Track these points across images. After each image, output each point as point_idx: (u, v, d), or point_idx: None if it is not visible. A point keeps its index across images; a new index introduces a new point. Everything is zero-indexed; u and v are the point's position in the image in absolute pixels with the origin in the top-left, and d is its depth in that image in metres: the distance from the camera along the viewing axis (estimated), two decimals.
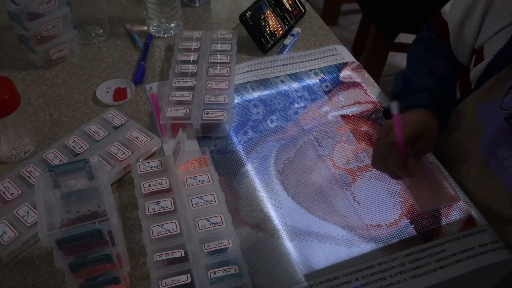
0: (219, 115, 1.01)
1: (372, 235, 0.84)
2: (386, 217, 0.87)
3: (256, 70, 1.17)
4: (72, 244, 0.66)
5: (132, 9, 1.39)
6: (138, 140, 0.98)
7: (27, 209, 0.87)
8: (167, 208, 0.84)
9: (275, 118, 1.05)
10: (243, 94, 1.11)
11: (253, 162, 0.96)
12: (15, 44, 1.23)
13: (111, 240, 0.69)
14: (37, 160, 0.94)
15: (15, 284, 0.80)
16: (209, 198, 0.86)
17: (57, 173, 0.72)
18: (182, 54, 1.15)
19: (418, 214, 0.87)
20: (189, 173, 0.90)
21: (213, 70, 1.12)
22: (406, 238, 0.84)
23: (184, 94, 1.05)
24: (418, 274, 0.79)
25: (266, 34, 1.24)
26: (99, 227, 0.66)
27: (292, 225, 0.86)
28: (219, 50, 1.17)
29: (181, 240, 0.80)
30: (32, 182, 0.90)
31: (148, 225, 0.81)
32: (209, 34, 1.22)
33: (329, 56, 1.21)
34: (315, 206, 0.89)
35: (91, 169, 0.72)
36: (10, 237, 0.83)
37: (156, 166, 0.91)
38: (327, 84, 1.13)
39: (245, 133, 1.02)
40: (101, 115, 1.04)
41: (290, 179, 0.93)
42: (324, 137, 1.00)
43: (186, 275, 0.76)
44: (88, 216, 0.70)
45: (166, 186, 0.87)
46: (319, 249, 0.83)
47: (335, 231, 0.85)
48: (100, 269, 0.71)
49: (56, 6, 1.11)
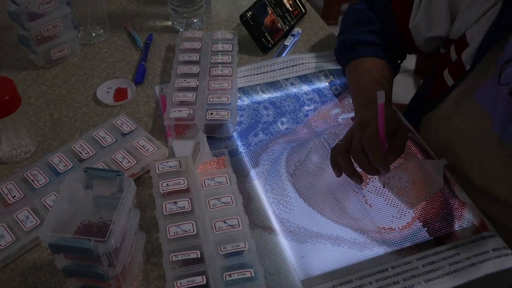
0: (223, 115, 1.01)
1: (385, 238, 0.85)
2: (399, 220, 0.87)
3: (265, 73, 1.17)
4: (64, 252, 0.68)
5: (132, 9, 1.39)
6: (145, 149, 0.97)
7: (27, 214, 0.86)
8: (184, 209, 0.84)
9: (285, 120, 1.06)
10: (253, 96, 1.11)
11: (264, 164, 0.96)
12: (15, 44, 1.23)
13: (109, 260, 0.69)
14: (42, 164, 0.94)
15: (16, 284, 0.80)
16: (227, 200, 0.86)
17: (90, 176, 0.73)
18: (183, 55, 1.15)
19: (431, 217, 0.87)
20: (207, 174, 0.90)
21: (215, 70, 1.12)
22: (419, 241, 0.84)
23: (187, 95, 1.05)
24: (432, 278, 0.79)
25: (267, 34, 1.24)
26: (92, 247, 0.65)
27: (305, 228, 0.86)
28: (220, 50, 1.18)
29: (197, 241, 0.80)
30: (35, 185, 0.90)
31: (165, 225, 0.81)
32: (209, 34, 1.22)
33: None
34: (327, 209, 0.89)
35: (122, 183, 0.72)
36: (7, 242, 0.82)
37: (175, 166, 0.91)
38: (337, 87, 1.13)
39: (255, 135, 1.02)
40: (111, 120, 1.03)
41: (302, 181, 0.93)
42: (334, 140, 1.01)
43: (202, 276, 0.76)
44: (99, 227, 0.70)
45: (184, 187, 0.87)
46: (332, 252, 0.83)
47: (347, 234, 0.85)
48: (96, 282, 0.72)
49: (56, 6, 1.11)
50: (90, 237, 0.66)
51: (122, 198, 0.70)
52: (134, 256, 0.77)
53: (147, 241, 0.84)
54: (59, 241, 0.65)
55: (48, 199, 0.88)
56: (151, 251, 0.83)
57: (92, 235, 0.68)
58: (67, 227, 0.69)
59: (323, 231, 0.86)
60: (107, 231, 0.66)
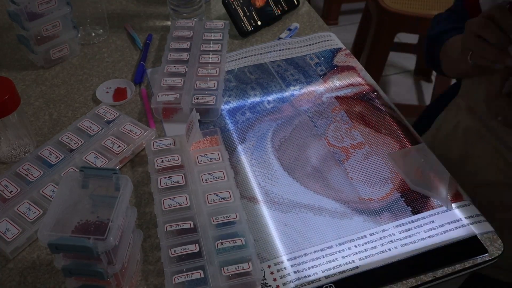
0: (209, 100, 1.05)
1: (365, 208, 0.90)
2: (378, 191, 0.93)
3: (253, 56, 1.22)
4: (63, 252, 0.68)
5: (132, 9, 1.38)
6: (133, 133, 0.99)
7: (28, 206, 0.87)
8: (178, 183, 0.88)
9: (271, 99, 1.11)
10: (241, 78, 1.16)
11: (251, 140, 1.02)
12: (15, 44, 1.23)
13: (109, 259, 0.69)
14: (33, 158, 0.94)
15: (15, 284, 0.80)
16: (219, 174, 0.90)
17: (86, 175, 0.73)
18: (175, 42, 1.18)
19: (408, 188, 0.93)
20: (200, 151, 0.95)
21: (204, 57, 1.15)
22: (396, 210, 0.90)
23: (176, 80, 1.09)
24: (408, 243, 0.84)
25: (247, 19, 1.27)
26: (91, 245, 0.65)
27: (288, 198, 0.91)
28: (211, 39, 1.20)
29: (190, 212, 0.84)
30: (29, 179, 0.90)
31: (159, 198, 0.86)
32: (202, 23, 1.25)
33: (324, 42, 1.26)
34: (310, 181, 0.95)
35: (118, 181, 0.72)
36: (14, 234, 0.83)
37: (169, 143, 0.96)
38: (322, 68, 1.18)
39: (243, 113, 1.08)
40: (92, 110, 1.04)
41: (286, 156, 0.99)
42: (319, 117, 1.06)
43: (195, 244, 0.80)
44: (97, 226, 0.70)
45: (178, 163, 0.92)
46: (313, 220, 0.88)
47: (329, 204, 0.91)
48: (95, 281, 0.73)
49: (56, 6, 1.10)
50: (88, 235, 0.66)
51: (119, 196, 0.70)
52: (132, 254, 0.78)
53: (143, 214, 0.89)
54: (58, 240, 0.66)
55: (46, 190, 0.89)
56: (149, 250, 0.85)
57: (90, 234, 0.67)
58: (65, 227, 0.69)
59: (305, 201, 0.91)
60: (105, 229, 0.67)
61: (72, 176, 0.73)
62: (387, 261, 0.83)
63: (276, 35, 1.30)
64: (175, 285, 0.77)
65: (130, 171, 0.97)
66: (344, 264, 0.82)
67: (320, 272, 0.81)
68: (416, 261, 0.83)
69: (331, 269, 0.81)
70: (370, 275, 0.81)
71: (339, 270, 0.81)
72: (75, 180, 0.73)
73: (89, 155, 0.95)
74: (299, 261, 0.82)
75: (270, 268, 0.81)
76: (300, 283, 0.80)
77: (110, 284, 0.73)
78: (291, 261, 0.82)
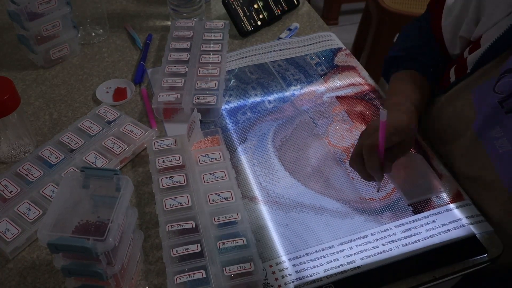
0: (209, 100, 1.05)
1: (366, 207, 0.90)
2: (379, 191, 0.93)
3: (253, 55, 1.22)
4: (63, 252, 0.68)
5: (132, 9, 1.39)
6: (133, 134, 1.00)
7: (28, 206, 0.87)
8: (179, 183, 0.89)
9: (272, 99, 1.11)
10: (241, 77, 1.16)
11: (252, 140, 1.02)
12: (15, 44, 1.23)
13: (108, 259, 0.69)
14: (33, 158, 0.94)
15: (14, 284, 0.80)
16: (220, 174, 0.90)
17: (87, 175, 0.73)
18: (175, 42, 1.19)
19: (410, 188, 0.93)
20: (201, 151, 0.95)
21: (205, 57, 1.15)
22: (398, 210, 0.90)
23: (176, 80, 1.09)
24: (409, 242, 0.84)
25: (247, 19, 1.28)
26: (90, 246, 0.65)
27: (290, 198, 0.92)
28: (212, 39, 1.20)
29: (192, 212, 0.85)
30: (30, 179, 0.90)
31: (161, 198, 0.86)
32: (202, 23, 1.25)
33: (324, 42, 1.26)
34: (311, 181, 0.95)
35: (119, 182, 0.72)
36: (14, 234, 0.83)
37: (170, 143, 0.96)
38: (323, 68, 1.19)
39: (244, 113, 1.08)
40: (93, 110, 1.05)
41: (287, 156, 0.99)
42: (320, 117, 1.06)
43: (196, 244, 0.80)
44: (97, 226, 0.70)
45: (180, 163, 0.92)
46: (315, 220, 0.88)
47: (330, 203, 0.91)
48: (94, 281, 0.73)
49: (56, 6, 1.11)
50: (88, 236, 0.66)
51: (120, 196, 0.70)
52: (132, 255, 0.78)
53: (144, 214, 0.89)
54: (58, 240, 0.65)
55: (46, 190, 0.89)
56: (149, 249, 0.85)
57: (90, 234, 0.67)
58: (65, 227, 0.69)
59: (307, 201, 0.91)
60: (105, 230, 0.66)
61: (72, 176, 0.73)
62: (388, 260, 0.83)
63: (276, 35, 1.30)
64: (177, 285, 0.77)
65: (130, 171, 0.97)
66: (345, 264, 0.82)
67: (322, 272, 0.81)
68: (416, 261, 0.83)
69: (333, 268, 0.81)
70: (370, 275, 0.82)
71: (341, 270, 0.81)
72: (76, 180, 0.73)
73: (89, 156, 0.96)
74: (300, 261, 0.82)
75: (272, 268, 0.82)
76: (302, 283, 0.80)
77: (109, 285, 0.73)
78: (292, 260, 0.82)
